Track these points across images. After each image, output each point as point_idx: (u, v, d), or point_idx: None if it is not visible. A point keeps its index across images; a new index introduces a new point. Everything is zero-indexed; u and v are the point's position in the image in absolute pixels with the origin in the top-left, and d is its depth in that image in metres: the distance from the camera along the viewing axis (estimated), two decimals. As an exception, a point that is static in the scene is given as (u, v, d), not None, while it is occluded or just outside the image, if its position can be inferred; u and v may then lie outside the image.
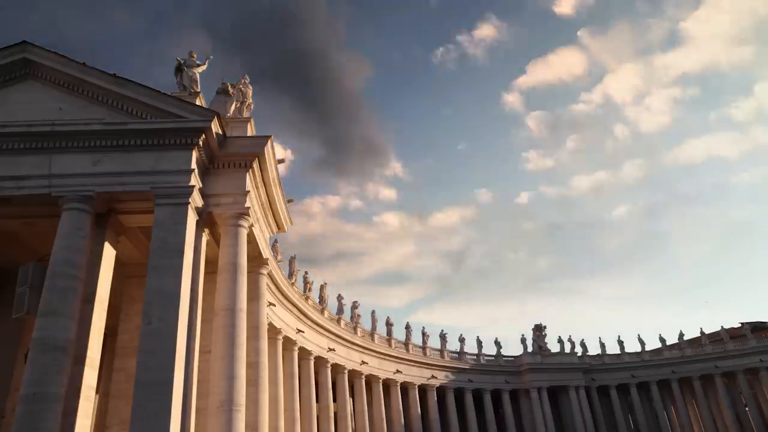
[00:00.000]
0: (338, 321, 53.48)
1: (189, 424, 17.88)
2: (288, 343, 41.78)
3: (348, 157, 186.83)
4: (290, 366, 41.97)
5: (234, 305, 20.90)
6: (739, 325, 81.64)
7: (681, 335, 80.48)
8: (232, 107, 24.33)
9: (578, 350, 79.14)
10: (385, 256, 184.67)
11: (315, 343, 47.20)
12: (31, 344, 17.45)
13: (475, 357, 74.44)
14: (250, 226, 22.82)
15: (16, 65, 21.35)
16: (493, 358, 76.38)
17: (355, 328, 56.61)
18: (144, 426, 16.10)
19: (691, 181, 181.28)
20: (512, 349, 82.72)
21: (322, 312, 49.76)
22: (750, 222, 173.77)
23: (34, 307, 18.60)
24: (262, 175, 23.90)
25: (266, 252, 27.02)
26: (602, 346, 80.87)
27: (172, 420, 16.28)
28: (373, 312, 62.24)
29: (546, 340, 78.35)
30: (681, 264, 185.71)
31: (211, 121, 20.59)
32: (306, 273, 48.94)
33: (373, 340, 59.67)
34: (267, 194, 25.36)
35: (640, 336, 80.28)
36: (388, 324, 64.07)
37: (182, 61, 23.04)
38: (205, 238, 21.93)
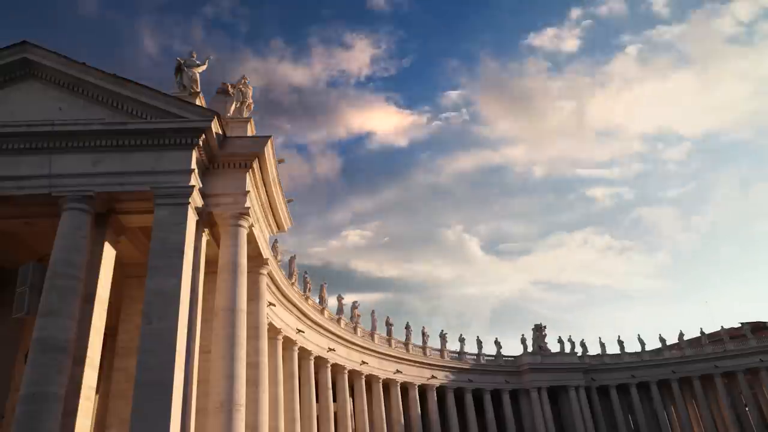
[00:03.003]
0: (338, 321, 53.46)
1: (189, 424, 17.89)
2: (288, 343, 41.76)
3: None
4: (290, 366, 41.96)
5: (234, 305, 20.91)
6: (739, 325, 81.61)
7: (681, 335, 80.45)
8: (232, 107, 24.36)
9: (578, 350, 79.11)
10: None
11: (315, 343, 47.19)
12: (31, 344, 17.46)
13: (475, 357, 74.41)
14: (250, 226, 22.82)
15: (16, 65, 21.35)
16: (493, 358, 76.35)
17: (355, 328, 56.59)
18: (144, 426, 16.11)
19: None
20: (512, 349, 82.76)
21: (322, 312, 49.75)
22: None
23: (34, 307, 18.61)
24: (262, 175, 23.89)
25: (266, 252, 27.02)
26: (602, 346, 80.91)
27: (172, 420, 16.28)
28: (372, 312, 62.40)
29: (546, 340, 78.35)
30: (681, 264, 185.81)
31: (211, 121, 20.59)
32: (306, 273, 49.09)
33: (373, 340, 59.65)
34: (267, 194, 25.36)
35: (640, 336, 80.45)
36: (388, 324, 64.07)
37: (182, 61, 23.02)
38: (205, 238, 21.93)
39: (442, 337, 71.79)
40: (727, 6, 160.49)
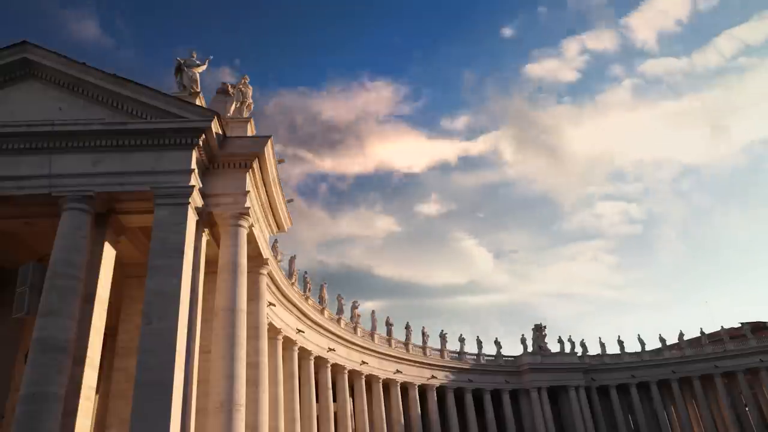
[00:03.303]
0: (338, 321, 53.47)
1: (189, 424, 17.88)
2: (288, 343, 41.77)
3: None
4: (290, 366, 41.96)
5: (234, 305, 20.90)
6: (739, 325, 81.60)
7: (681, 335, 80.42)
8: (232, 107, 24.35)
9: (578, 350, 79.10)
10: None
11: (315, 343, 47.19)
12: (31, 344, 17.45)
13: (475, 357, 74.39)
14: (250, 226, 22.82)
15: (16, 65, 21.34)
16: (493, 358, 76.33)
17: (355, 328, 56.59)
18: (144, 426, 16.11)
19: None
20: (512, 349, 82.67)
21: (322, 312, 49.75)
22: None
23: (34, 307, 18.61)
24: (262, 175, 23.89)
25: (266, 252, 27.02)
26: (602, 346, 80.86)
27: (171, 420, 16.28)
28: (372, 312, 62.51)
29: (546, 340, 78.35)
30: (680, 263, 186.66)
31: (211, 121, 20.58)
32: (306, 273, 49.09)
33: (373, 340, 59.65)
34: (267, 194, 25.36)
35: (640, 336, 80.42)
36: (388, 324, 64.08)
37: (182, 61, 23.01)
38: (205, 238, 21.93)
39: (442, 337, 71.73)
40: (712, 42, 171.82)
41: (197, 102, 22.08)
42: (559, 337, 79.11)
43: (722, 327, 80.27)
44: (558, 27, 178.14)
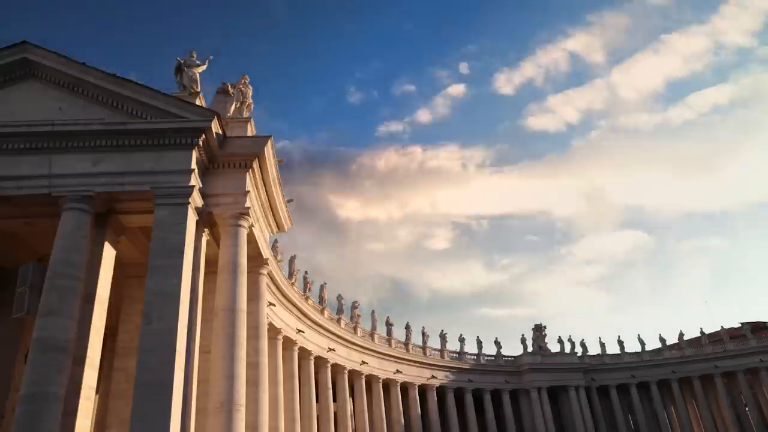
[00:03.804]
0: (338, 321, 53.47)
1: (189, 424, 17.89)
2: (288, 343, 41.78)
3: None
4: (290, 366, 41.97)
5: (234, 305, 20.91)
6: (739, 325, 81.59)
7: (681, 335, 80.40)
8: (232, 107, 24.34)
9: (578, 350, 79.10)
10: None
11: (315, 343, 47.20)
12: (31, 344, 17.46)
13: (475, 357, 74.39)
14: (250, 226, 22.82)
15: (16, 65, 21.34)
16: (493, 358, 76.33)
17: (355, 328, 56.60)
18: (144, 426, 16.11)
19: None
20: (512, 349, 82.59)
21: (322, 312, 49.76)
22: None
23: (34, 307, 18.61)
24: (262, 175, 23.89)
25: (266, 252, 27.02)
26: (602, 346, 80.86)
27: (171, 420, 16.28)
28: (373, 312, 62.43)
29: (546, 340, 78.36)
30: (681, 264, 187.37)
31: (211, 121, 20.59)
32: (306, 273, 49.05)
33: (373, 340, 59.66)
34: (267, 194, 25.36)
35: (640, 336, 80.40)
36: (388, 324, 64.06)
37: (182, 61, 23.00)
38: (205, 238, 21.93)
39: (442, 337, 71.68)
40: (684, 101, 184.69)
41: (197, 102, 22.09)
42: (559, 337, 79.24)
43: (722, 327, 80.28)
44: (550, 85, 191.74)
